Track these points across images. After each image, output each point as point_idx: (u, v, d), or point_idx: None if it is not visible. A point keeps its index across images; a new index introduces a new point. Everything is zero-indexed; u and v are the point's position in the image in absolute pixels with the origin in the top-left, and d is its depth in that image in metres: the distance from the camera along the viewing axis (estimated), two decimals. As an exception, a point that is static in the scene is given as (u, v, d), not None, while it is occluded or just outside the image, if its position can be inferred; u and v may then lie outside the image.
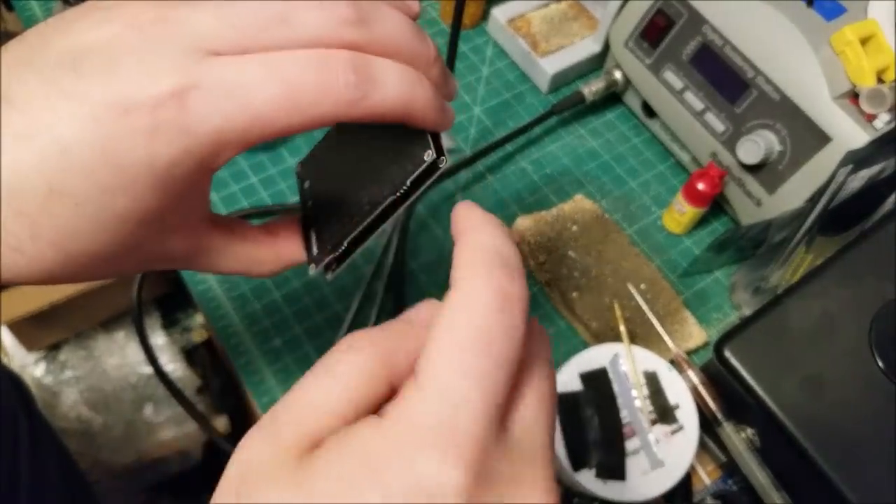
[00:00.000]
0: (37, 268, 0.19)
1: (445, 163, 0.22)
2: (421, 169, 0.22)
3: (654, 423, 0.40)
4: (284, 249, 0.26)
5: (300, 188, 0.29)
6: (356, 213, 0.24)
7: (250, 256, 0.25)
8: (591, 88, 0.53)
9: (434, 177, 0.22)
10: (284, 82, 0.19)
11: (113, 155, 0.18)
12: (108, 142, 0.18)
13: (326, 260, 0.25)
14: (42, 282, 0.21)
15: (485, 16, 0.59)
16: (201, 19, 0.19)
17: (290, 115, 0.19)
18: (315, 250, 0.26)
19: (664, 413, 0.40)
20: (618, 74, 0.54)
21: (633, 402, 0.40)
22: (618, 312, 0.44)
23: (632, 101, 0.55)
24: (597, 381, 0.40)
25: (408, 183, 0.22)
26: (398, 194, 0.22)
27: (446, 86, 0.23)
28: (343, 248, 0.24)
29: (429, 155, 0.22)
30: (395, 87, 0.20)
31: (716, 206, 0.51)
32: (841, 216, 0.45)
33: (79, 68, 0.18)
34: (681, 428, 0.40)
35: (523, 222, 0.49)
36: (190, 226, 0.22)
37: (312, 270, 0.25)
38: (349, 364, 0.17)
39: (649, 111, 0.53)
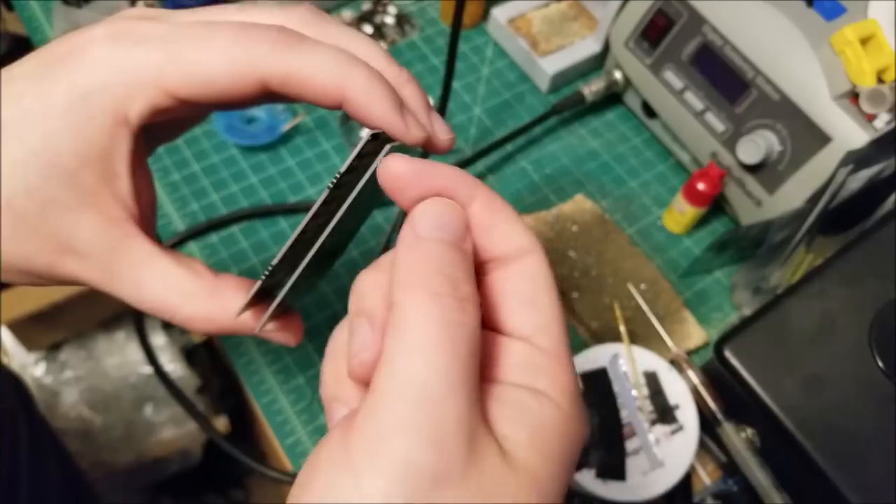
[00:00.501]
0: None
1: (385, 149, 0.19)
2: (356, 152, 0.19)
3: (654, 423, 0.40)
4: (228, 293, 0.21)
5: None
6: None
7: (182, 285, 0.21)
8: (592, 88, 0.53)
9: (378, 160, 0.19)
10: (206, 30, 0.19)
11: (39, 76, 0.19)
12: (43, 65, 0.19)
13: (254, 289, 0.20)
14: None
15: (485, 16, 0.59)
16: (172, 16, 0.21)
17: (204, 56, 0.19)
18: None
19: (664, 413, 0.40)
20: (618, 74, 0.54)
21: (633, 403, 0.40)
22: (618, 312, 0.44)
23: (632, 101, 0.55)
24: (597, 381, 0.40)
25: (340, 171, 0.19)
26: (329, 186, 0.19)
27: (426, 115, 0.21)
28: (269, 269, 0.20)
29: (365, 133, 0.19)
30: (327, 55, 0.19)
31: (716, 206, 0.51)
32: (841, 216, 0.45)
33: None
34: (681, 428, 0.40)
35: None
36: (105, 209, 0.20)
37: (256, 322, 0.21)
38: None
39: (649, 111, 0.53)
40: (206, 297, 0.21)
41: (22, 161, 0.19)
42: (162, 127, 0.22)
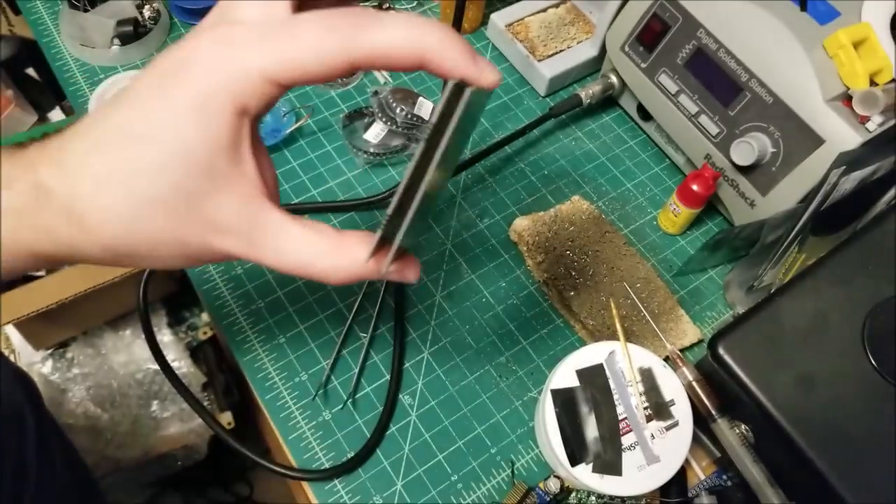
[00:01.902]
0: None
1: (466, 93, 0.22)
2: (445, 97, 0.22)
3: (649, 419, 0.41)
4: (353, 246, 0.24)
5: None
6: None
7: (314, 245, 0.24)
8: (588, 92, 0.54)
9: (462, 103, 0.22)
10: (292, 26, 0.22)
11: (160, 88, 0.22)
12: (160, 79, 0.22)
13: (376, 238, 0.23)
14: (108, 251, 0.22)
15: (484, 20, 0.60)
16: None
17: (298, 48, 0.22)
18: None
19: (659, 409, 0.41)
20: (614, 78, 0.54)
21: (629, 399, 0.41)
22: (614, 311, 0.45)
23: (628, 104, 0.56)
24: (593, 378, 0.41)
25: (433, 121, 0.22)
26: (425, 138, 0.22)
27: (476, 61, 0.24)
28: (387, 219, 0.23)
29: (449, 84, 0.22)
30: (401, 25, 0.22)
31: (710, 206, 0.52)
32: (833, 217, 0.45)
33: None
34: (676, 424, 0.40)
35: (521, 223, 0.49)
36: (240, 190, 0.23)
37: (380, 266, 0.24)
38: None
39: (645, 114, 0.54)
40: (335, 252, 0.24)
41: (165, 161, 0.22)
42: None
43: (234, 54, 0.22)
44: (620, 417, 0.40)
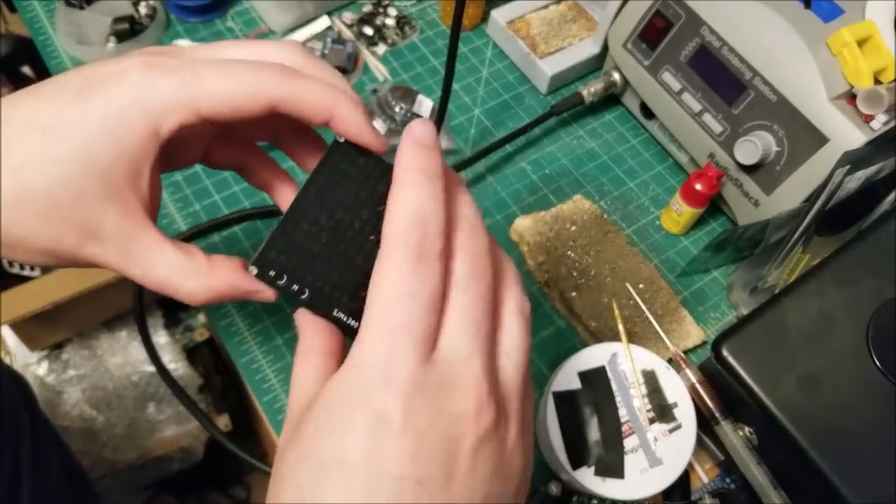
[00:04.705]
0: None
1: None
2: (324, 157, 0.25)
3: (652, 421, 0.40)
4: (219, 267, 0.26)
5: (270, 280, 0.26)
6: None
7: (184, 267, 0.25)
8: (590, 90, 0.54)
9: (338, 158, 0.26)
10: (225, 64, 0.24)
11: (80, 92, 0.23)
12: (82, 84, 0.23)
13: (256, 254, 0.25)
14: None
15: (485, 17, 0.60)
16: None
17: (227, 83, 0.23)
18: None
19: (662, 411, 0.40)
20: (616, 76, 0.54)
21: (632, 401, 0.41)
22: (616, 312, 0.44)
23: (630, 102, 0.56)
24: (596, 380, 0.41)
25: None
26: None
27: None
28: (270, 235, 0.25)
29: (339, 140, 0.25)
30: (319, 86, 0.25)
31: (713, 206, 0.51)
32: (838, 216, 0.45)
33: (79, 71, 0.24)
34: (679, 426, 0.40)
35: (522, 222, 0.49)
36: (128, 204, 0.24)
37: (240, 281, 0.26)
38: None
39: (647, 112, 0.54)
40: (204, 274, 0.26)
41: (65, 158, 0.22)
42: (177, 154, 0.28)
43: (162, 80, 0.23)
44: (623, 420, 0.40)
